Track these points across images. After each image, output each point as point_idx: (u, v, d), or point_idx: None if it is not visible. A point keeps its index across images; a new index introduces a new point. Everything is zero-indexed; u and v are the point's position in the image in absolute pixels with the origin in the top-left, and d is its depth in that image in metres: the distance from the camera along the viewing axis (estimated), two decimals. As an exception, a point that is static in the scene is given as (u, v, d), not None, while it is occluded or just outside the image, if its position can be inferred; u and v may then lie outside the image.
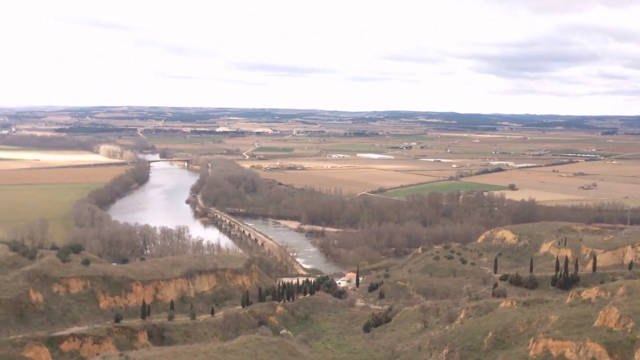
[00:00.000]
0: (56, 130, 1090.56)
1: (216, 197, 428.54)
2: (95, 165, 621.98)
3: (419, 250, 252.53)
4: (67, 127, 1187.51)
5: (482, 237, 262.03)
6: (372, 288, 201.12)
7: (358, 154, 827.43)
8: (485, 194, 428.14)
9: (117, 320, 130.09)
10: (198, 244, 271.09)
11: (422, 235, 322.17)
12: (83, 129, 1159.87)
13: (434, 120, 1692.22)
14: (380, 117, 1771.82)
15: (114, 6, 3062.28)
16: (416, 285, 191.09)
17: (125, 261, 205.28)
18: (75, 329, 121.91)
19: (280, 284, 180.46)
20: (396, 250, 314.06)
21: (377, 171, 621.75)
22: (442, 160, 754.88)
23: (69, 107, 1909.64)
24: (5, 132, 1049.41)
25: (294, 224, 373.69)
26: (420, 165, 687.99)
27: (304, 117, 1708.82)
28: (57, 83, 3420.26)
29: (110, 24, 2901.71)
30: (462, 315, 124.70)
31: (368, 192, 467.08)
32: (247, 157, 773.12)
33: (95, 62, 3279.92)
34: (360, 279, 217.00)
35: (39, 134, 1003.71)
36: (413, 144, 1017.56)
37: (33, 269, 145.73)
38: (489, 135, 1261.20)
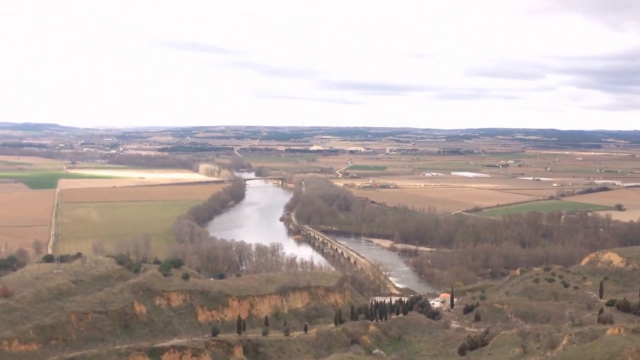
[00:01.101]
0: (159, 150, 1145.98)
1: (309, 215, 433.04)
2: (195, 183, 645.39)
3: (517, 272, 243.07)
4: (169, 146, 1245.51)
5: (586, 260, 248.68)
6: (468, 310, 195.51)
7: (452, 172, 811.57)
8: (590, 214, 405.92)
9: (215, 334, 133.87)
10: (292, 261, 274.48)
11: (520, 257, 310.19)
12: (184, 148, 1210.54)
13: (533, 137, 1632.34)
14: (475, 135, 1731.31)
15: (210, 30, 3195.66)
16: (514, 308, 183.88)
17: (222, 276, 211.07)
18: (175, 341, 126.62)
19: (373, 303, 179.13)
20: (492, 271, 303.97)
21: (472, 190, 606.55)
22: (542, 178, 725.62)
23: (171, 127, 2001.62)
24: (113, 151, 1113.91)
25: (387, 243, 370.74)
26: (518, 184, 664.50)
27: (397, 135, 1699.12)
28: (160, 105, 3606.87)
29: (208, 47, 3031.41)
30: (564, 342, 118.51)
31: (463, 211, 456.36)
32: (340, 175, 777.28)
33: (194, 84, 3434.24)
34: (455, 300, 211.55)
35: (143, 153, 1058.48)
36: (510, 162, 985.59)
37: (137, 282, 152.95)
38: (592, 153, 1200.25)
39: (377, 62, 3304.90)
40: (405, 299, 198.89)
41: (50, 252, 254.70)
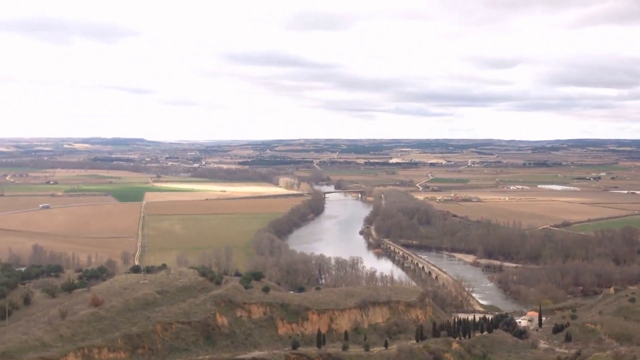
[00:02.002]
0: (240, 163, 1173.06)
1: (389, 229, 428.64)
2: (275, 196, 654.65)
3: (611, 290, 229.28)
4: (249, 159, 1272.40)
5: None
6: (557, 329, 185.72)
7: (539, 185, 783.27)
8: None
9: (295, 347, 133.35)
10: (371, 275, 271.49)
11: (614, 274, 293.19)
12: (264, 161, 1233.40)
13: (627, 148, 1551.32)
14: (563, 146, 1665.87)
15: (289, 43, 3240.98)
16: (608, 328, 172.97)
17: (301, 290, 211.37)
18: (256, 354, 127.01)
19: (456, 320, 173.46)
20: (584, 289, 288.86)
21: (561, 203, 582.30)
22: (638, 192, 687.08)
23: (252, 141, 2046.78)
24: (196, 165, 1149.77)
25: (470, 258, 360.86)
26: (611, 198, 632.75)
27: (479, 147, 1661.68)
28: (241, 119, 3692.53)
29: (287, 61, 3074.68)
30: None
31: (550, 225, 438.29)
32: (421, 188, 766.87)
33: (274, 98, 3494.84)
34: (543, 318, 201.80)
35: (225, 166, 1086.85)
36: (602, 174, 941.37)
37: (219, 294, 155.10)
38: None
39: (458, 73, 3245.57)
40: (489, 317, 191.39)
41: (137, 263, 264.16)
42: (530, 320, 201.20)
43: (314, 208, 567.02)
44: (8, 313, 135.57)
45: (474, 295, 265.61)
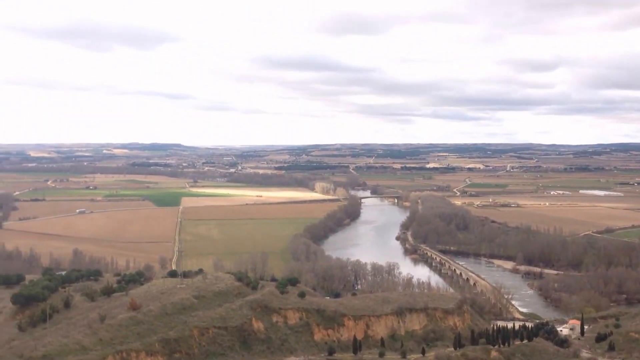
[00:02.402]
0: (276, 168, 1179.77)
1: (426, 234, 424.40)
2: (311, 201, 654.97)
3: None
4: (285, 165, 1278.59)
5: None
6: (600, 338, 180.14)
7: (580, 191, 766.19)
8: None
9: (331, 353, 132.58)
10: (408, 282, 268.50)
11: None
12: (300, 166, 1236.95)
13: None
14: (606, 151, 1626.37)
15: (323, 48, 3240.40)
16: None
17: (337, 295, 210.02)
18: (292, 359, 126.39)
19: (495, 327, 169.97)
20: (628, 297, 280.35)
21: (604, 209, 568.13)
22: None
23: (288, 146, 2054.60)
24: (232, 170, 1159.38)
25: (509, 264, 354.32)
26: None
27: (518, 151, 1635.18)
28: (277, 124, 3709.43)
29: (322, 66, 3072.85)
30: None
31: (593, 232, 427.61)
32: (458, 193, 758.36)
33: (310, 103, 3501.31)
34: (586, 327, 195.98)
35: (261, 171, 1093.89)
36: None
37: (255, 299, 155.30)
38: None
39: (496, 76, 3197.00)
40: (530, 325, 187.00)
41: (174, 267, 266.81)
42: (572, 329, 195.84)
43: (350, 213, 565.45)
44: (49, 316, 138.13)
45: (513, 302, 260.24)
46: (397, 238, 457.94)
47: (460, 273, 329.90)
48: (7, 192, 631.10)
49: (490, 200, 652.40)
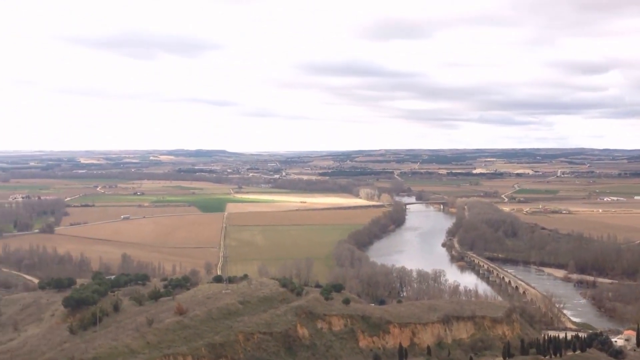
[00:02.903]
0: (320, 174, 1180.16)
1: (473, 241, 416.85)
2: (355, 207, 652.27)
3: None
4: (329, 170, 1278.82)
5: None
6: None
7: (635, 197, 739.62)
8: None
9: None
10: (454, 289, 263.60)
11: None
12: (344, 172, 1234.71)
13: None
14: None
15: (366, 53, 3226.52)
16: None
17: (382, 302, 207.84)
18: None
19: (546, 337, 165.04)
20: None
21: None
22: None
23: (332, 151, 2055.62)
24: (277, 176, 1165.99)
25: (560, 273, 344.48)
26: None
27: (569, 156, 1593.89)
28: (321, 130, 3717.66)
29: (365, 71, 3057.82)
30: None
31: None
32: (506, 199, 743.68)
33: (354, 108, 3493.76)
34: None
35: (305, 177, 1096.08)
36: None
37: (300, 305, 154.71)
38: None
39: (546, 80, 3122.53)
40: (582, 335, 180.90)
41: (219, 273, 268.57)
42: (627, 340, 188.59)
43: (395, 219, 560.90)
44: (99, 319, 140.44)
45: (565, 312, 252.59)
46: (443, 245, 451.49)
47: (509, 281, 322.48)
48: (59, 198, 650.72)
49: (540, 206, 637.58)
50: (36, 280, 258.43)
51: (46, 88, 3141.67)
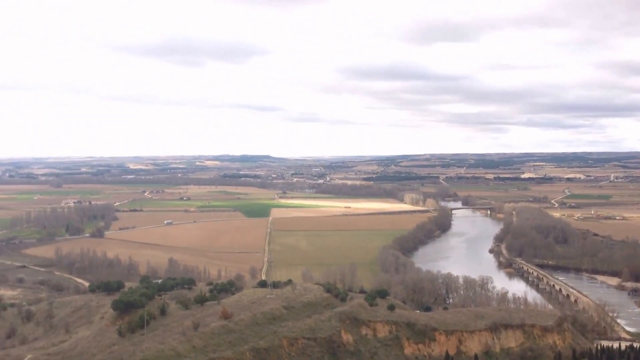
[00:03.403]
0: (364, 179, 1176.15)
1: (522, 247, 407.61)
2: (399, 212, 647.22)
3: None
4: (373, 175, 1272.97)
5: None
6: None
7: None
8: None
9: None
10: (503, 296, 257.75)
11: None
12: (388, 177, 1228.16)
13: None
14: None
15: (411, 57, 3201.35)
16: None
17: (428, 309, 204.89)
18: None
19: (599, 347, 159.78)
20: None
21: None
22: None
23: (376, 156, 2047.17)
24: (321, 181, 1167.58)
25: (613, 280, 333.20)
26: None
27: (623, 160, 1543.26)
28: (365, 135, 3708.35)
29: (410, 74, 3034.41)
30: None
31: None
32: (556, 205, 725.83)
33: (398, 112, 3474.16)
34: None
35: (349, 182, 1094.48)
36: None
37: (344, 311, 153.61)
38: None
39: (597, 81, 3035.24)
40: (637, 345, 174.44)
41: (264, 277, 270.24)
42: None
43: (440, 225, 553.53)
44: (146, 322, 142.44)
45: (619, 321, 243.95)
46: (491, 251, 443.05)
47: (560, 289, 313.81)
48: (109, 202, 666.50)
49: (592, 212, 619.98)
50: (87, 284, 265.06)
51: (98, 96, 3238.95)
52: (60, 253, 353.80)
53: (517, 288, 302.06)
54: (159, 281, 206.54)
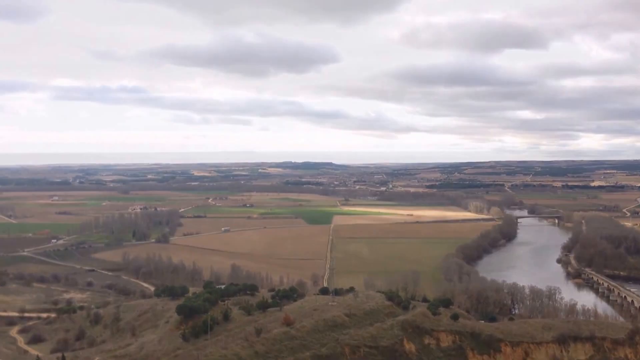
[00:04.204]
0: (427, 187, 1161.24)
1: (591, 257, 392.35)
2: (463, 220, 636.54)
3: None
4: (437, 183, 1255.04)
5: None
6: None
7: None
8: None
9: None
10: (571, 308, 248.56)
11: None
12: (452, 184, 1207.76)
13: None
14: None
15: (475, 62, 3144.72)
16: None
17: (492, 319, 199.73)
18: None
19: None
20: None
21: None
22: None
23: (439, 163, 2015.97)
24: (383, 188, 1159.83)
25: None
26: None
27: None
28: (429, 142, 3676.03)
29: (474, 80, 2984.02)
30: None
31: None
32: (629, 214, 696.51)
33: (462, 119, 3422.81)
34: None
35: (412, 190, 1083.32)
36: None
37: (406, 319, 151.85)
38: None
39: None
40: None
41: (325, 284, 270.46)
42: None
43: (506, 233, 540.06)
44: (210, 327, 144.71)
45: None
46: (558, 261, 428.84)
47: (632, 300, 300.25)
48: (174, 209, 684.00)
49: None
50: (152, 288, 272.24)
51: (165, 105, 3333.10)
52: (127, 258, 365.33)
53: (586, 299, 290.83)
54: (222, 287, 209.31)
